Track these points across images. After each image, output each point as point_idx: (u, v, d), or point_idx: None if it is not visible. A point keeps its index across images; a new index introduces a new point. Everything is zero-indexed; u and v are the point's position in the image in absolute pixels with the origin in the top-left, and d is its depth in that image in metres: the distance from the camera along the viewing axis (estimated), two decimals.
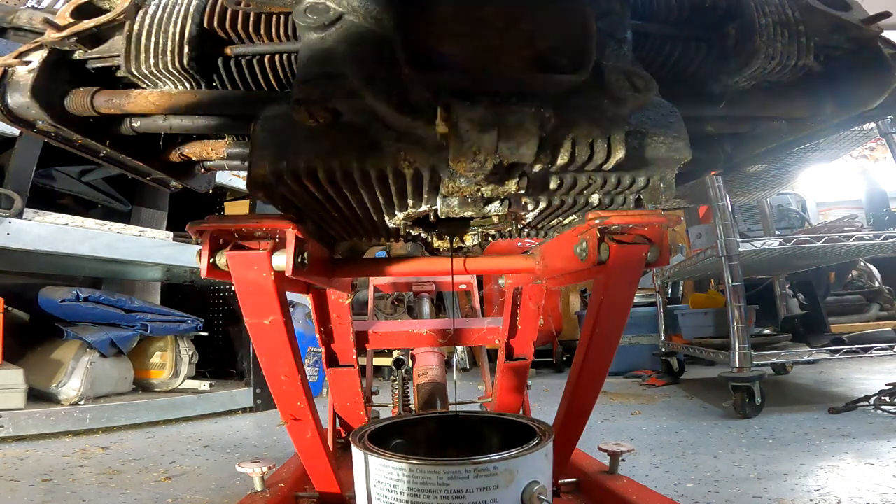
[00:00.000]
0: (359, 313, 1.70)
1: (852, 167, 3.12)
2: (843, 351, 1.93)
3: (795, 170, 2.16)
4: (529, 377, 1.12)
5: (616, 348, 0.66)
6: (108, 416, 1.89)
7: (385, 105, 0.42)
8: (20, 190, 1.71)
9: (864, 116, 0.59)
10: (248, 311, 0.58)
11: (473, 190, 0.46)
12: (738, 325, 1.87)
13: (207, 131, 0.57)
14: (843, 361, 2.93)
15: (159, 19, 0.50)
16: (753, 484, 1.15)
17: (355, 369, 1.01)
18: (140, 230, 2.09)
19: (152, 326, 2.15)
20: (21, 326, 2.02)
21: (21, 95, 0.49)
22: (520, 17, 0.41)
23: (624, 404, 2.25)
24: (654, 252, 0.58)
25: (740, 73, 0.54)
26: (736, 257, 1.92)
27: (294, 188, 0.48)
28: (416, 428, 0.75)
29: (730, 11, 0.53)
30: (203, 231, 0.55)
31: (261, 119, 0.47)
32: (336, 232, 0.70)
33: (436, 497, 0.54)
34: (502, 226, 0.63)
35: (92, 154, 0.57)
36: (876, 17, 0.55)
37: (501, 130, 0.39)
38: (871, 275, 3.48)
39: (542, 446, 0.59)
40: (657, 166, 0.50)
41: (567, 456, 0.80)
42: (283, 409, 0.68)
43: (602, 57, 0.44)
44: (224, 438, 1.83)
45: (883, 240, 1.95)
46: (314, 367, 2.58)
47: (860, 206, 2.73)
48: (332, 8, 0.47)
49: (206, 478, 1.34)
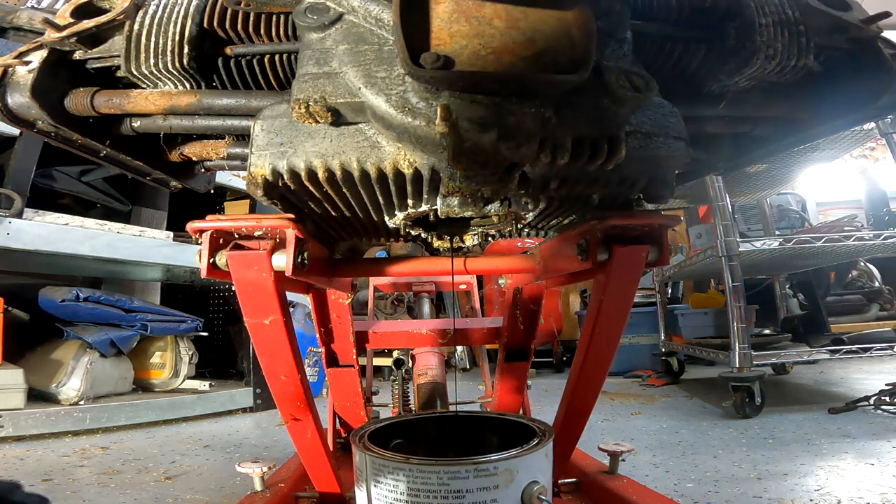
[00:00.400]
0: (359, 313, 1.71)
1: (852, 167, 3.12)
2: (843, 351, 1.93)
3: (795, 170, 2.16)
4: (529, 377, 1.12)
5: (616, 348, 0.66)
6: (108, 416, 1.89)
7: (385, 105, 0.42)
8: (20, 190, 1.71)
9: (864, 116, 0.59)
10: (248, 311, 0.58)
11: (473, 190, 0.46)
12: (738, 325, 1.87)
13: (207, 131, 0.57)
14: (843, 361, 2.93)
15: (159, 19, 0.50)
16: (753, 484, 1.15)
17: (355, 369, 1.01)
18: (140, 230, 2.09)
19: (152, 326, 2.15)
20: (21, 326, 2.02)
21: (21, 95, 0.49)
22: (520, 17, 0.41)
23: (624, 404, 2.25)
24: (654, 252, 0.58)
25: (740, 73, 0.54)
26: (736, 257, 1.92)
27: (294, 188, 0.48)
28: (416, 428, 0.75)
29: (730, 11, 0.53)
30: (203, 231, 0.55)
31: (261, 119, 0.47)
32: (336, 232, 0.70)
33: (436, 497, 0.54)
34: (502, 226, 0.63)
35: (92, 154, 0.57)
36: (876, 17, 0.55)
37: (501, 130, 0.39)
38: (871, 275, 3.48)
39: (542, 446, 0.59)
40: (657, 166, 0.49)
41: (567, 456, 0.80)
42: (283, 409, 0.68)
43: (602, 57, 0.44)
44: (224, 438, 1.83)
45: (883, 240, 1.95)
46: (314, 367, 2.58)
47: (860, 206, 2.73)
48: (332, 8, 0.47)
49: (206, 478, 1.34)
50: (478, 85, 0.39)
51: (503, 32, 0.40)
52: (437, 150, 0.42)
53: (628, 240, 0.57)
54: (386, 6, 0.45)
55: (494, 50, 0.40)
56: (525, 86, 0.39)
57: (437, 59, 0.38)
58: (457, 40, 0.40)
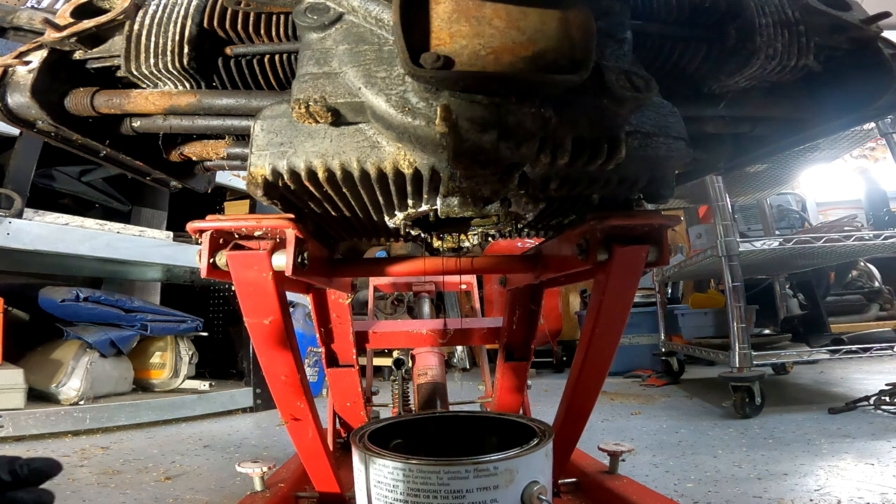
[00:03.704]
0: (359, 313, 1.71)
1: (852, 167, 3.12)
2: (843, 351, 1.93)
3: (795, 170, 2.16)
4: (529, 377, 1.12)
5: (616, 348, 0.66)
6: (108, 416, 1.89)
7: (385, 105, 0.42)
8: (20, 190, 1.71)
9: (864, 116, 0.59)
10: (248, 311, 0.58)
11: (473, 190, 0.46)
12: (738, 325, 1.87)
13: (207, 131, 0.57)
14: (843, 361, 2.93)
15: (159, 19, 0.50)
16: (753, 484, 1.15)
17: (355, 369, 1.01)
18: (140, 230, 2.09)
19: (152, 326, 2.15)
20: (21, 326, 2.02)
21: (21, 95, 0.49)
22: (520, 17, 0.41)
23: (624, 404, 2.25)
24: (654, 252, 0.58)
25: (740, 73, 0.54)
26: (736, 257, 1.92)
27: (294, 188, 0.48)
28: (416, 428, 0.75)
29: (730, 11, 0.53)
30: (203, 231, 0.55)
31: (261, 119, 0.47)
32: (336, 232, 0.70)
33: (435, 497, 0.54)
34: (502, 226, 0.63)
35: (92, 154, 0.57)
36: (876, 17, 0.55)
37: (501, 130, 0.39)
38: (871, 275, 3.48)
39: (542, 446, 0.59)
40: (657, 166, 0.49)
41: (567, 456, 0.80)
42: (283, 409, 0.68)
43: (602, 57, 0.44)
44: (224, 438, 1.83)
45: (883, 240, 1.95)
46: (314, 367, 2.58)
47: (860, 206, 2.73)
48: (332, 8, 0.47)
49: (206, 478, 1.34)
50: (478, 85, 0.39)
51: (503, 32, 0.40)
52: (437, 150, 0.42)
53: (628, 240, 0.57)
54: (386, 6, 0.45)
55: (494, 50, 0.40)
56: (525, 86, 0.39)
57: (437, 59, 0.38)
58: (457, 40, 0.40)
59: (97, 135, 0.55)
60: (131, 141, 0.58)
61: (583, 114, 0.42)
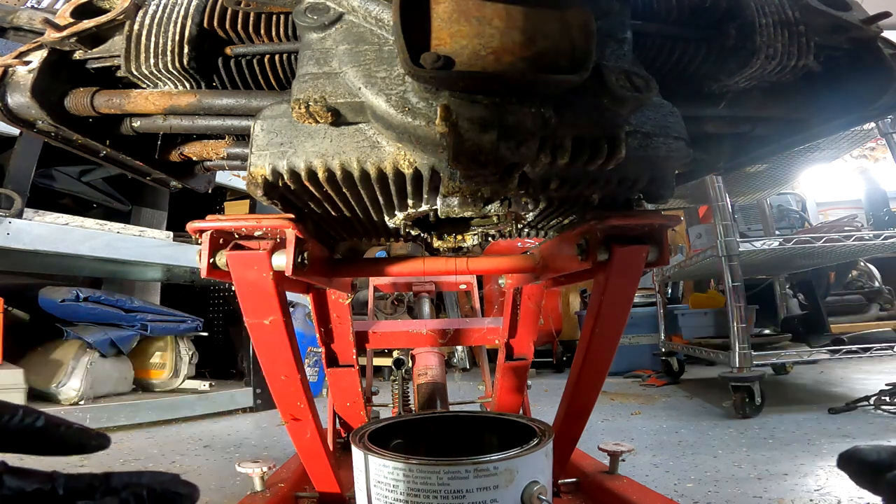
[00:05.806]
0: (359, 313, 1.70)
1: (852, 167, 3.12)
2: (843, 351, 1.93)
3: (795, 170, 2.16)
4: (529, 377, 1.12)
5: (616, 348, 0.66)
6: (108, 416, 1.89)
7: (385, 105, 0.42)
8: (20, 190, 1.71)
9: (864, 116, 0.59)
10: (248, 311, 0.58)
11: (473, 190, 0.46)
12: (738, 325, 1.87)
13: (207, 131, 0.57)
14: (843, 361, 2.93)
15: (159, 19, 0.50)
16: (753, 484, 1.15)
17: (355, 369, 1.01)
18: (140, 230, 2.09)
19: (152, 326, 2.15)
20: (21, 326, 2.02)
21: (21, 95, 0.49)
22: (520, 17, 0.41)
23: (624, 404, 2.25)
24: (654, 252, 0.58)
25: (740, 73, 0.54)
26: (736, 257, 1.92)
27: (294, 188, 0.48)
28: (416, 428, 0.75)
29: (730, 11, 0.53)
30: (203, 231, 0.55)
31: (261, 119, 0.47)
32: (336, 232, 0.70)
33: (435, 497, 0.54)
34: (502, 226, 0.63)
35: (92, 154, 0.57)
36: (876, 17, 0.55)
37: (501, 130, 0.39)
38: (871, 275, 3.48)
39: (542, 446, 0.59)
40: (657, 166, 0.49)
41: (567, 456, 0.80)
42: (283, 409, 0.68)
43: (602, 57, 0.44)
44: (224, 438, 1.83)
45: (883, 240, 1.95)
46: (314, 367, 2.58)
47: (860, 206, 2.73)
48: (332, 8, 0.47)
49: (206, 478, 1.34)
50: (478, 85, 0.39)
51: (503, 32, 0.40)
52: (437, 150, 0.42)
53: (628, 240, 0.57)
54: (386, 6, 0.45)
55: (494, 50, 0.40)
56: (525, 86, 0.39)
57: (437, 60, 0.38)
58: (457, 40, 0.40)
59: (97, 135, 0.55)
60: (131, 141, 0.58)
61: (583, 114, 0.42)
